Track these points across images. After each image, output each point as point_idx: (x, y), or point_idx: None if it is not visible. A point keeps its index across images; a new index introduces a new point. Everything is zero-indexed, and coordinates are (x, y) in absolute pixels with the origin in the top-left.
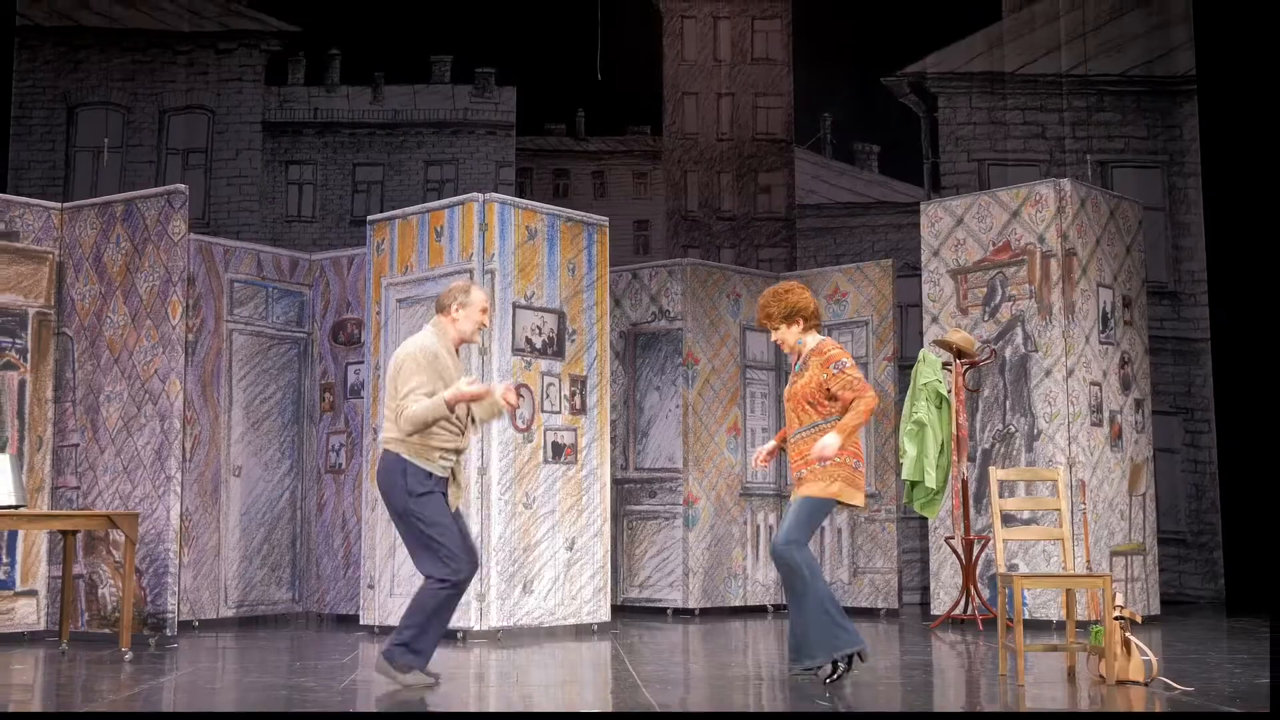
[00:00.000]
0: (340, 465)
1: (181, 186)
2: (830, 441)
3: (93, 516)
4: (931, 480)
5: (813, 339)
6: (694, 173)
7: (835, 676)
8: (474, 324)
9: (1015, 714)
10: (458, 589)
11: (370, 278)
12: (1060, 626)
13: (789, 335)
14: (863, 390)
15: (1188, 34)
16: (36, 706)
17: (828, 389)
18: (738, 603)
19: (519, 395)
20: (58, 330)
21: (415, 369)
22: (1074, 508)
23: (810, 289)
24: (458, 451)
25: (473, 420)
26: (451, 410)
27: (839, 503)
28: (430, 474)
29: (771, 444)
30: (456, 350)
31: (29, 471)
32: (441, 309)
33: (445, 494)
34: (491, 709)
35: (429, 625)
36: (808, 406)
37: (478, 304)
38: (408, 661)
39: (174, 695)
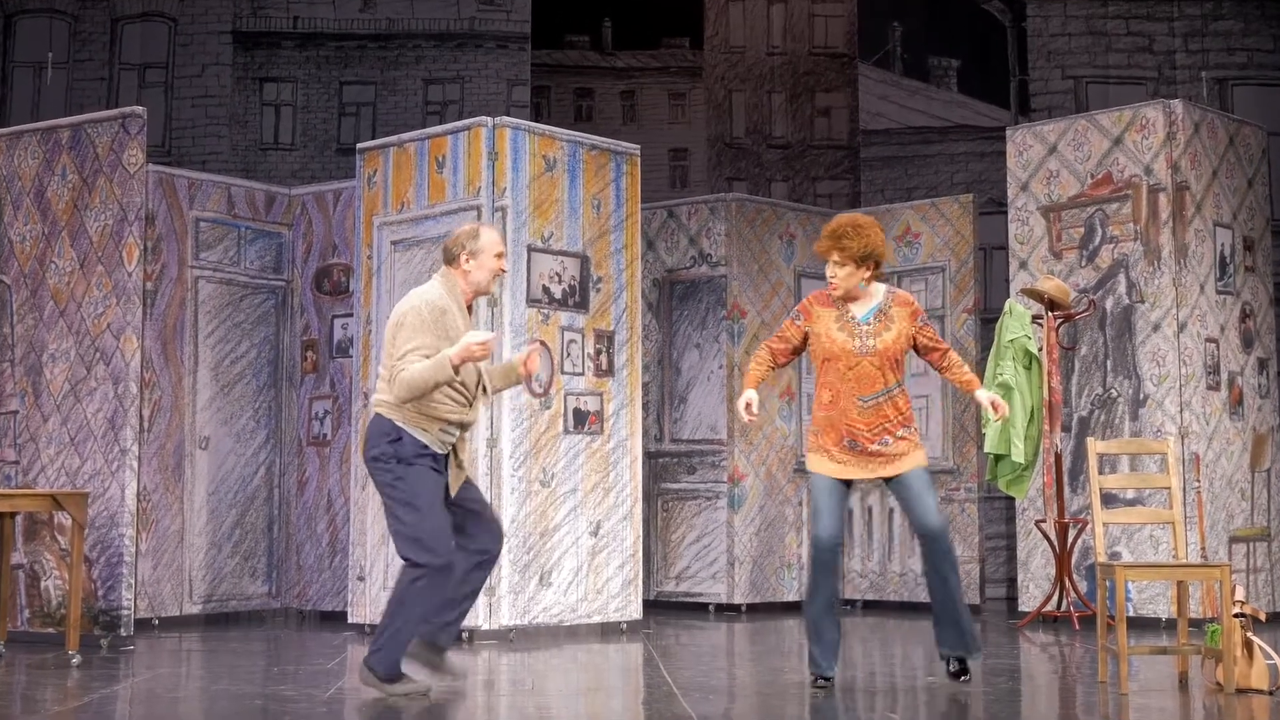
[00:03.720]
0: (325, 436)
1: (138, 109)
2: (996, 396)
3: (34, 496)
4: (1019, 453)
5: (879, 288)
6: (740, 93)
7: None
8: (489, 273)
9: None
10: (438, 575)
11: (360, 216)
12: (1170, 625)
13: (852, 279)
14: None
15: None
16: None
17: (915, 343)
18: (792, 597)
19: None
20: None
21: (418, 326)
22: (1186, 486)
23: None
24: (463, 426)
25: (484, 390)
26: (457, 372)
27: None
28: (426, 446)
29: (752, 394)
30: (470, 306)
31: None
32: (449, 260)
33: (440, 471)
34: None
35: (412, 623)
36: (895, 366)
37: (490, 248)
38: (394, 671)
39: (129, 706)
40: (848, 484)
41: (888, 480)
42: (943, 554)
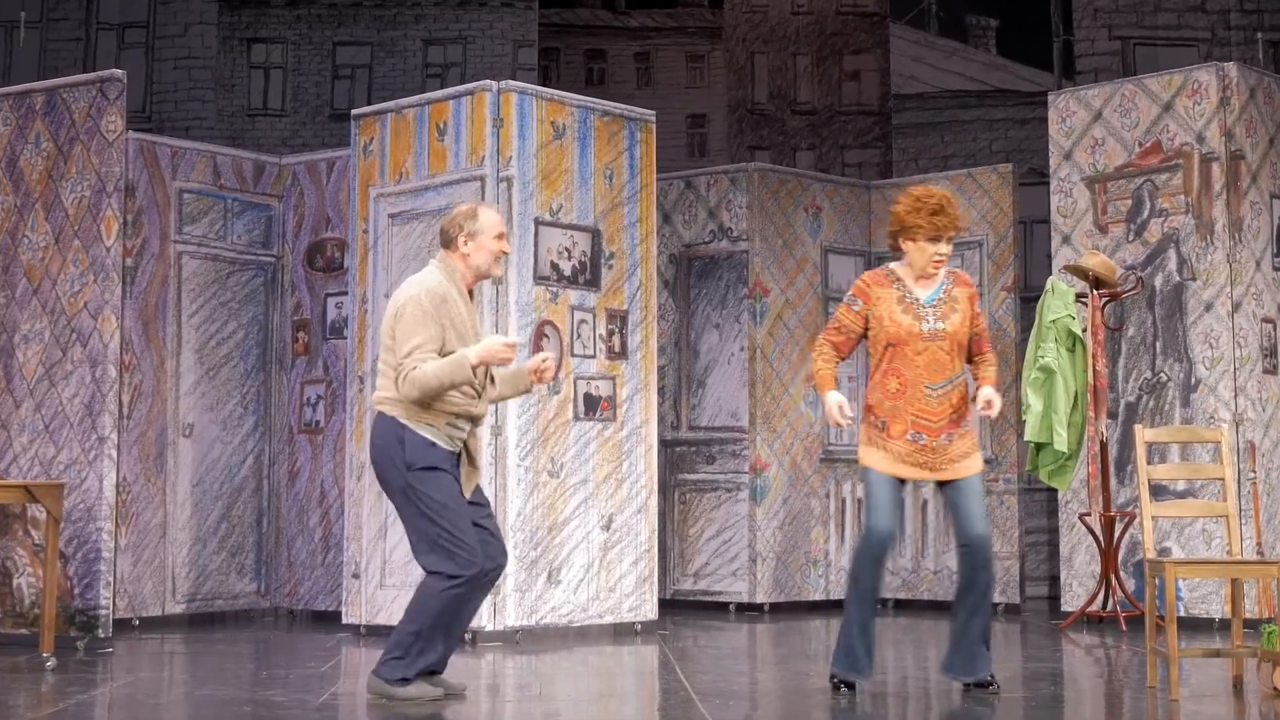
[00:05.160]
0: (318, 423)
1: (117, 72)
2: (997, 398)
3: (6, 488)
4: (1062, 442)
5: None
6: (763, 55)
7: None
8: (489, 255)
9: None
10: (469, 586)
11: (355, 187)
12: (1224, 626)
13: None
14: None
15: None
16: None
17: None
18: (818, 596)
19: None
20: None
21: (419, 318)
22: (1241, 477)
23: None
24: (472, 420)
25: (491, 380)
26: (475, 373)
27: None
28: (434, 444)
29: (839, 395)
30: (470, 290)
31: None
32: (447, 243)
33: (454, 473)
34: None
35: (433, 634)
36: (962, 351)
37: (490, 229)
38: (407, 675)
39: (108, 712)
40: (902, 481)
41: (942, 483)
42: (983, 564)
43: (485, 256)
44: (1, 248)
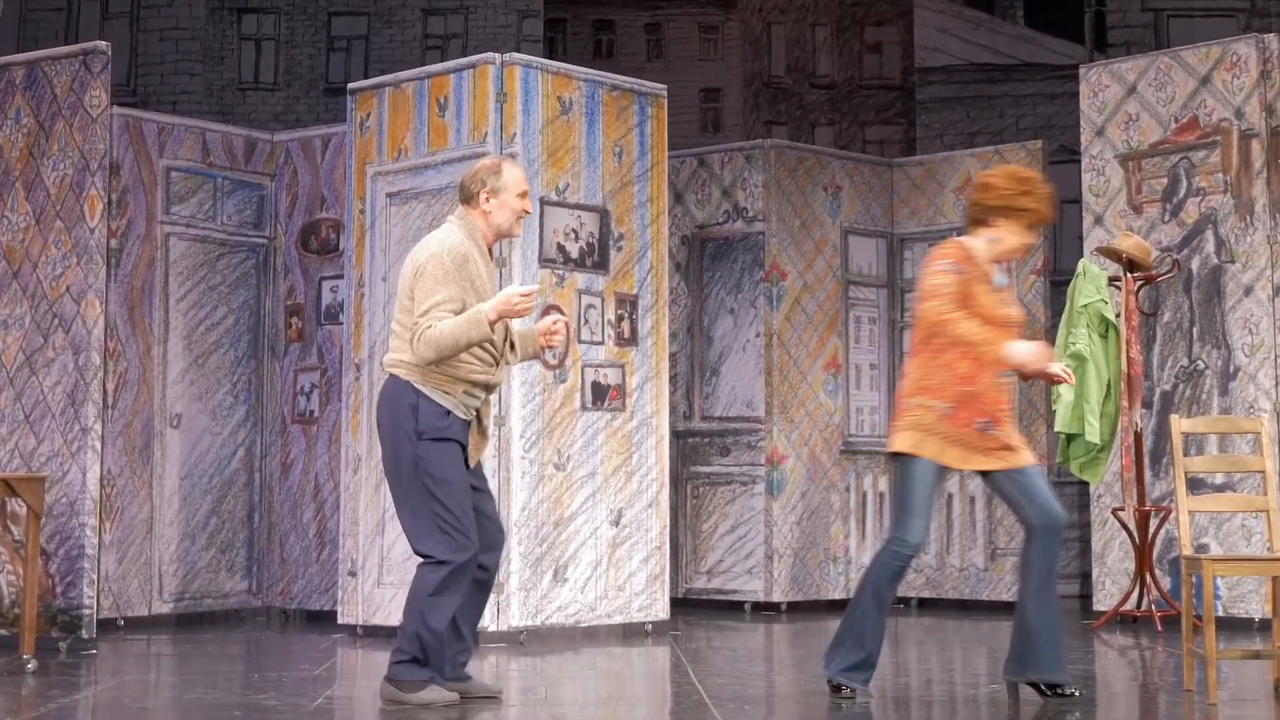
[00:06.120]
0: (312, 413)
1: (101, 44)
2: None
3: None
4: (1094, 433)
5: None
6: (780, 25)
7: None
8: (511, 213)
9: None
10: (462, 573)
11: (351, 165)
12: (1264, 626)
13: None
14: None
15: None
16: None
17: None
18: (837, 595)
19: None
20: None
21: (441, 277)
22: None
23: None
24: (489, 388)
25: (511, 346)
26: (493, 329)
27: None
28: (449, 413)
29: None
30: (490, 250)
31: None
32: (467, 199)
33: (465, 445)
34: None
35: (436, 624)
36: None
37: (514, 186)
38: (420, 678)
39: (91, 717)
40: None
41: (999, 472)
42: (1055, 554)
43: (507, 215)
44: None
